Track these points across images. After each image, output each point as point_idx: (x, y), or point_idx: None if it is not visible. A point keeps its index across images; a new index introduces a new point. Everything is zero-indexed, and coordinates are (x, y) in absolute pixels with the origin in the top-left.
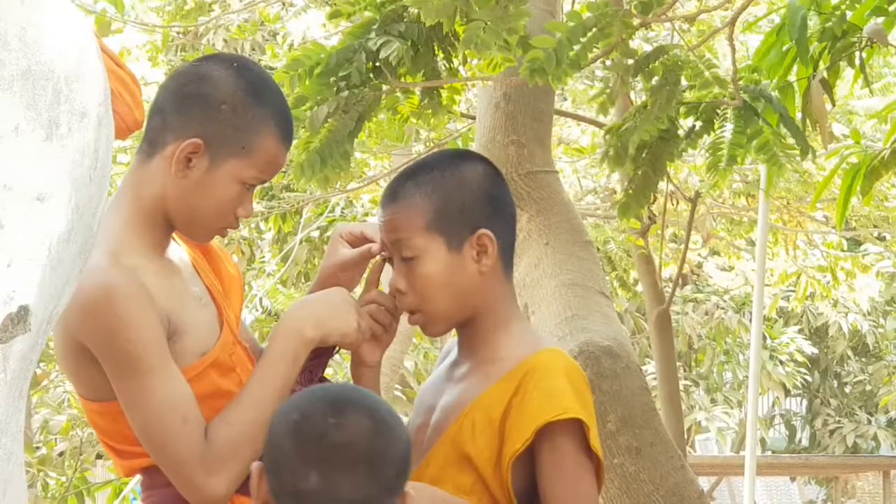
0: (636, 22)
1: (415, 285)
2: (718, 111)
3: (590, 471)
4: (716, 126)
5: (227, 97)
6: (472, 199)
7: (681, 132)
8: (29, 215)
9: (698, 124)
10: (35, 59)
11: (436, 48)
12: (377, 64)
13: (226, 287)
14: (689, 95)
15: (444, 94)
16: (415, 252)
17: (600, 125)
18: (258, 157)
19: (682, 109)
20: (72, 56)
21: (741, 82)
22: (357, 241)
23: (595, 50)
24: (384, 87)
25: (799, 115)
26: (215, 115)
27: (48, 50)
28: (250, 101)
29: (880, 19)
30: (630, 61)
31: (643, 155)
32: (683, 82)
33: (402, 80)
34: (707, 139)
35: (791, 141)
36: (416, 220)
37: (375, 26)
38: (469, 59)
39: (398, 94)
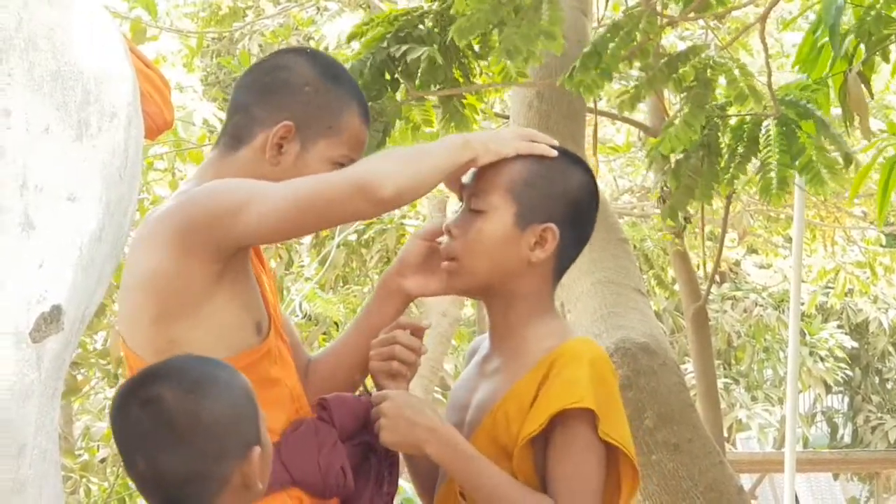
0: (663, 21)
1: (467, 234)
2: (761, 127)
3: (598, 458)
4: (761, 144)
5: (309, 80)
6: (561, 196)
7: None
8: (60, 215)
9: (741, 148)
10: (64, 60)
11: (451, 60)
12: (395, 76)
13: (269, 279)
14: (728, 109)
15: (466, 109)
16: (485, 207)
17: (636, 124)
18: (345, 135)
19: (727, 132)
20: (100, 57)
21: (777, 91)
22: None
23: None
24: (404, 97)
25: (835, 111)
26: (300, 97)
27: (77, 51)
28: (330, 82)
29: None
30: (661, 61)
31: (682, 167)
32: (721, 81)
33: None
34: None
35: (832, 149)
36: (503, 178)
37: (389, 35)
38: (483, 72)
39: (413, 103)
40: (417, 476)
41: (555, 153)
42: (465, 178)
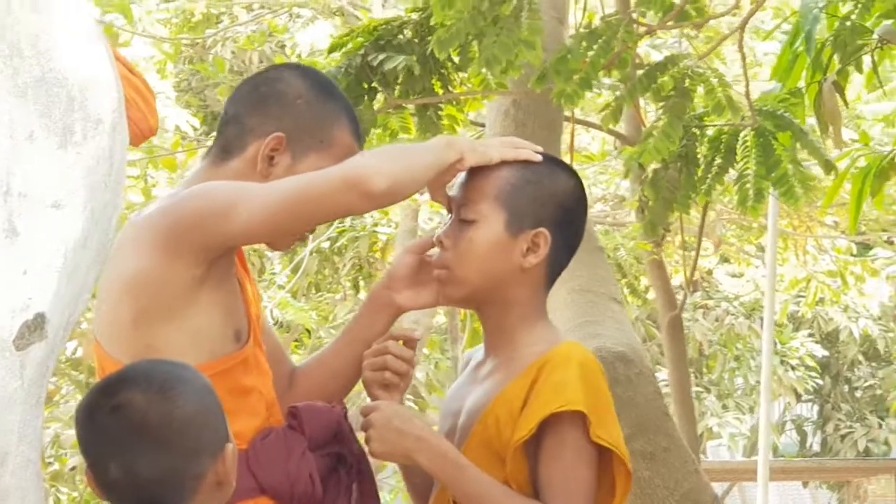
0: (641, 30)
1: (458, 245)
2: (738, 137)
3: (589, 462)
4: (738, 155)
5: (302, 92)
6: (550, 200)
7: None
8: (44, 222)
9: (718, 159)
10: (48, 66)
11: (431, 70)
12: (372, 84)
13: (252, 286)
14: (704, 119)
15: (445, 121)
16: (475, 216)
17: (612, 132)
18: (336, 150)
19: (704, 142)
20: (85, 63)
21: (754, 102)
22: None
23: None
24: (379, 105)
25: (810, 121)
26: (292, 109)
27: (61, 57)
28: (323, 96)
29: (890, 21)
30: (638, 72)
31: (660, 178)
32: (700, 89)
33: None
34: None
35: (806, 163)
36: (491, 187)
37: (368, 44)
38: (462, 83)
39: (390, 111)
40: (412, 485)
41: (540, 158)
42: (453, 190)
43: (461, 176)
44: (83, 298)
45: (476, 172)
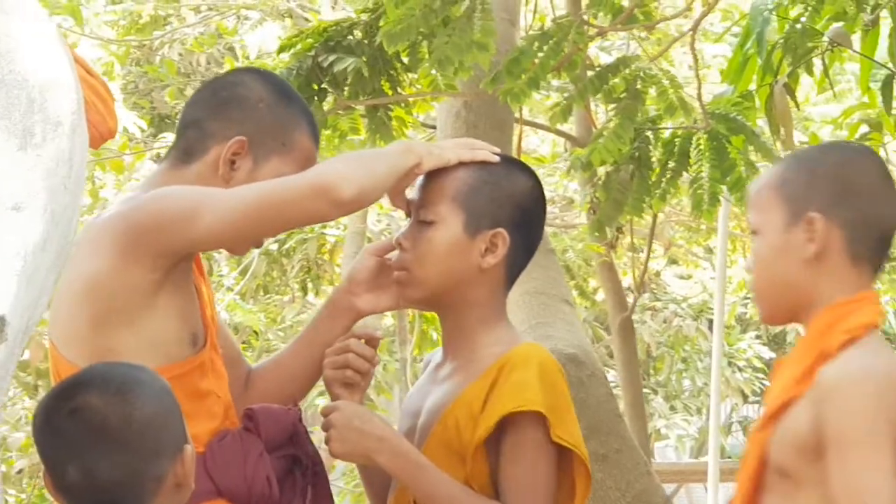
0: (592, 32)
1: (418, 246)
2: (692, 140)
3: (549, 461)
4: (692, 158)
5: (263, 96)
6: (508, 201)
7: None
8: (4, 225)
9: (672, 163)
10: (8, 68)
11: (380, 71)
12: (322, 85)
13: (208, 290)
14: (657, 119)
15: (394, 122)
16: (433, 217)
17: (562, 134)
18: (297, 153)
19: (658, 146)
20: (45, 65)
21: (707, 105)
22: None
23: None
24: (330, 106)
25: (761, 122)
26: (254, 113)
27: (22, 59)
28: (283, 100)
29: (839, 24)
30: (589, 73)
31: (612, 179)
32: (651, 91)
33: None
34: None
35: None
36: (449, 188)
37: (318, 45)
38: (412, 84)
39: (340, 112)
40: (370, 485)
41: (497, 159)
42: (411, 192)
43: (420, 179)
44: (42, 301)
45: (434, 174)
